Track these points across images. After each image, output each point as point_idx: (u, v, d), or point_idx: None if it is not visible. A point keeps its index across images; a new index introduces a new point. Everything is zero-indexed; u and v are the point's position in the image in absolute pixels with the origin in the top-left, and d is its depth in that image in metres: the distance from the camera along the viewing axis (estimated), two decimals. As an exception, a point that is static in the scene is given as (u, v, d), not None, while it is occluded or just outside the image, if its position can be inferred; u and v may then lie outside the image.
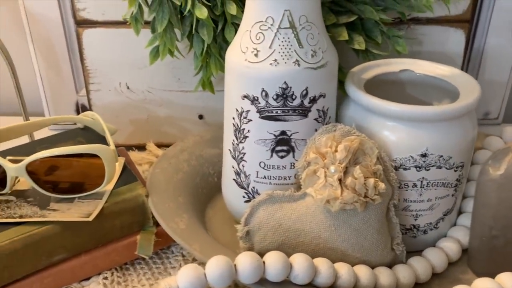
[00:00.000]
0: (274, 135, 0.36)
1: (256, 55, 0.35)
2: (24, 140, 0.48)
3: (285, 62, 0.34)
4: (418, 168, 0.36)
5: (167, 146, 0.54)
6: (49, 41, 0.54)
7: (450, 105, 0.36)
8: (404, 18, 0.47)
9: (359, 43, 0.43)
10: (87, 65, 0.51)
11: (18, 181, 0.41)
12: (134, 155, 0.53)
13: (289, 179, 0.38)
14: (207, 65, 0.45)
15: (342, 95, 0.40)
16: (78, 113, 0.58)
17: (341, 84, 0.43)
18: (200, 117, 0.54)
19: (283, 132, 0.36)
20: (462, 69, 0.53)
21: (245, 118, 0.37)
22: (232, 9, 0.41)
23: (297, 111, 0.36)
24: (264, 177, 0.38)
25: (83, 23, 0.49)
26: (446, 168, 0.37)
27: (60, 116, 0.46)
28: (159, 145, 0.54)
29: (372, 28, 0.44)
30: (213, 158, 0.47)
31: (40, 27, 0.53)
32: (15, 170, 0.37)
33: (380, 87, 0.41)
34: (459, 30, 0.51)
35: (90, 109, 0.54)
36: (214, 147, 0.48)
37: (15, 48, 0.56)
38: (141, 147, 0.55)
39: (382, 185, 0.33)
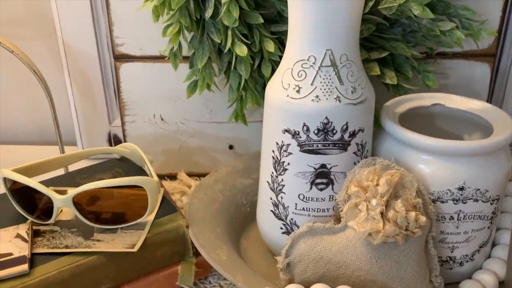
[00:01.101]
0: (314, 168, 0.37)
1: (298, 91, 0.36)
2: (60, 171, 0.49)
3: (327, 99, 0.36)
4: (455, 201, 0.37)
5: (198, 175, 0.56)
6: (85, 74, 0.56)
7: (487, 140, 0.37)
8: (432, 52, 0.49)
9: (391, 77, 0.45)
10: (123, 97, 0.53)
11: (61, 211, 0.42)
12: (166, 184, 0.54)
13: (328, 211, 0.38)
14: (242, 98, 0.47)
15: (375, 129, 0.42)
16: (110, 143, 0.60)
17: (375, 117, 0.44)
18: (230, 147, 0.56)
19: (323, 165, 0.37)
20: (487, 100, 0.54)
21: (285, 151, 0.38)
22: (270, 46, 0.42)
23: (337, 145, 0.37)
24: (303, 209, 0.39)
25: (121, 58, 0.51)
26: (483, 201, 0.37)
27: (97, 148, 0.48)
28: (190, 175, 0.55)
29: (402, 63, 0.46)
30: (246, 188, 0.48)
31: (77, 61, 0.55)
32: (62, 201, 0.38)
33: (413, 120, 0.42)
34: (484, 64, 0.52)
35: (124, 140, 0.55)
36: (246, 177, 0.49)
37: (52, 78, 0.58)
38: (173, 177, 0.56)
39: (423, 218, 0.34)
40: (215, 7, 0.42)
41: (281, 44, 0.44)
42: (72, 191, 0.38)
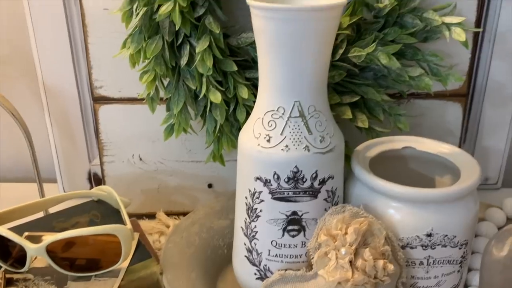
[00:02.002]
0: (286, 215, 0.38)
1: (268, 140, 0.37)
2: (39, 213, 0.49)
3: (296, 148, 0.36)
4: (424, 247, 0.38)
5: (177, 214, 0.56)
6: (65, 114, 0.57)
7: (453, 187, 0.37)
8: (404, 95, 0.50)
9: (362, 121, 0.46)
10: (102, 138, 0.53)
11: (35, 258, 0.42)
12: (145, 224, 0.54)
13: (300, 257, 0.39)
14: (219, 141, 0.47)
15: (348, 169, 0.42)
16: (90, 181, 0.60)
17: (347, 158, 0.45)
18: (209, 186, 0.56)
19: (294, 213, 0.38)
20: (460, 138, 0.56)
21: (257, 198, 0.38)
22: (244, 93, 0.43)
23: (307, 193, 0.37)
24: (276, 255, 0.39)
25: (100, 100, 0.52)
26: (451, 247, 0.38)
27: (75, 192, 0.48)
28: (169, 214, 0.56)
29: (374, 107, 0.47)
30: (223, 229, 0.48)
31: (58, 101, 0.56)
32: (35, 250, 0.38)
33: (384, 163, 0.43)
34: (456, 104, 0.54)
35: (103, 179, 0.56)
36: (224, 217, 0.49)
37: (33, 116, 0.58)
38: (152, 216, 0.56)
39: (391, 267, 0.35)
40: (190, 54, 0.43)
41: (255, 89, 0.45)
42: (46, 240, 0.38)
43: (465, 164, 0.41)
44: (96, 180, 0.60)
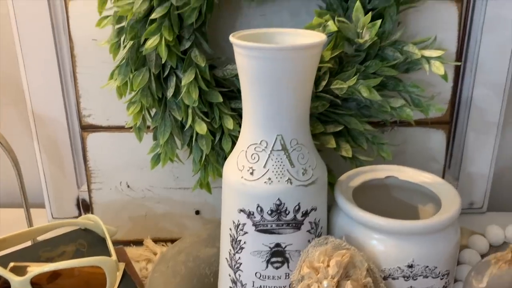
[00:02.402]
0: (269, 247, 0.38)
1: (251, 173, 0.38)
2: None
3: (278, 181, 0.37)
4: (405, 278, 0.38)
5: (165, 241, 0.56)
6: (54, 141, 0.57)
7: (433, 219, 0.38)
8: (388, 123, 0.51)
9: (346, 150, 0.47)
10: (90, 165, 0.54)
11: (20, 289, 0.42)
12: (132, 251, 0.54)
13: (284, 288, 0.39)
14: (205, 169, 0.48)
15: (333, 198, 0.43)
16: (78, 207, 0.60)
17: (330, 186, 0.45)
18: (197, 212, 0.56)
19: (277, 245, 0.38)
20: (445, 164, 0.56)
21: (241, 230, 0.39)
22: (229, 123, 0.44)
23: (290, 225, 0.38)
24: (260, 286, 0.39)
25: (88, 128, 0.53)
26: (433, 277, 0.38)
27: (62, 221, 0.48)
28: (157, 240, 0.56)
29: (357, 136, 0.48)
30: (210, 258, 0.48)
31: (46, 129, 0.56)
32: (19, 283, 0.38)
33: (368, 192, 0.44)
34: (439, 131, 0.55)
35: (91, 206, 0.56)
36: (211, 246, 0.49)
37: (22, 142, 0.59)
38: (139, 242, 0.56)
39: (372, 299, 0.35)
40: (176, 86, 0.44)
41: (241, 119, 0.46)
42: (30, 273, 0.38)
43: (446, 193, 0.42)
44: (84, 206, 0.60)
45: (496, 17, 0.53)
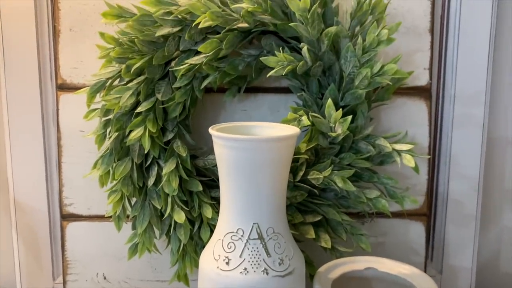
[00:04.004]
0: None
1: (227, 263, 0.37)
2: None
3: (254, 271, 0.37)
4: None
5: (139, 338, 0.54)
6: (33, 231, 0.56)
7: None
8: (367, 214, 0.52)
9: (326, 241, 0.47)
10: (67, 256, 0.53)
11: None
12: None
13: None
14: (183, 260, 0.47)
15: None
16: (51, 301, 0.58)
17: (311, 277, 0.45)
18: (175, 306, 0.54)
19: None
20: (426, 256, 0.56)
21: (216, 323, 0.37)
22: (208, 212, 0.44)
23: (266, 318, 0.37)
24: None
25: (68, 217, 0.53)
26: None
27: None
28: (131, 338, 0.53)
29: (336, 226, 0.48)
30: None
31: (26, 217, 0.56)
32: None
33: (347, 284, 0.43)
34: (418, 223, 0.55)
35: (64, 299, 0.54)
36: None
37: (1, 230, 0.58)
38: None
39: None
40: (157, 175, 0.45)
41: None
42: None
43: (425, 285, 0.41)
44: (58, 299, 0.58)
45: (464, 115, 0.56)
